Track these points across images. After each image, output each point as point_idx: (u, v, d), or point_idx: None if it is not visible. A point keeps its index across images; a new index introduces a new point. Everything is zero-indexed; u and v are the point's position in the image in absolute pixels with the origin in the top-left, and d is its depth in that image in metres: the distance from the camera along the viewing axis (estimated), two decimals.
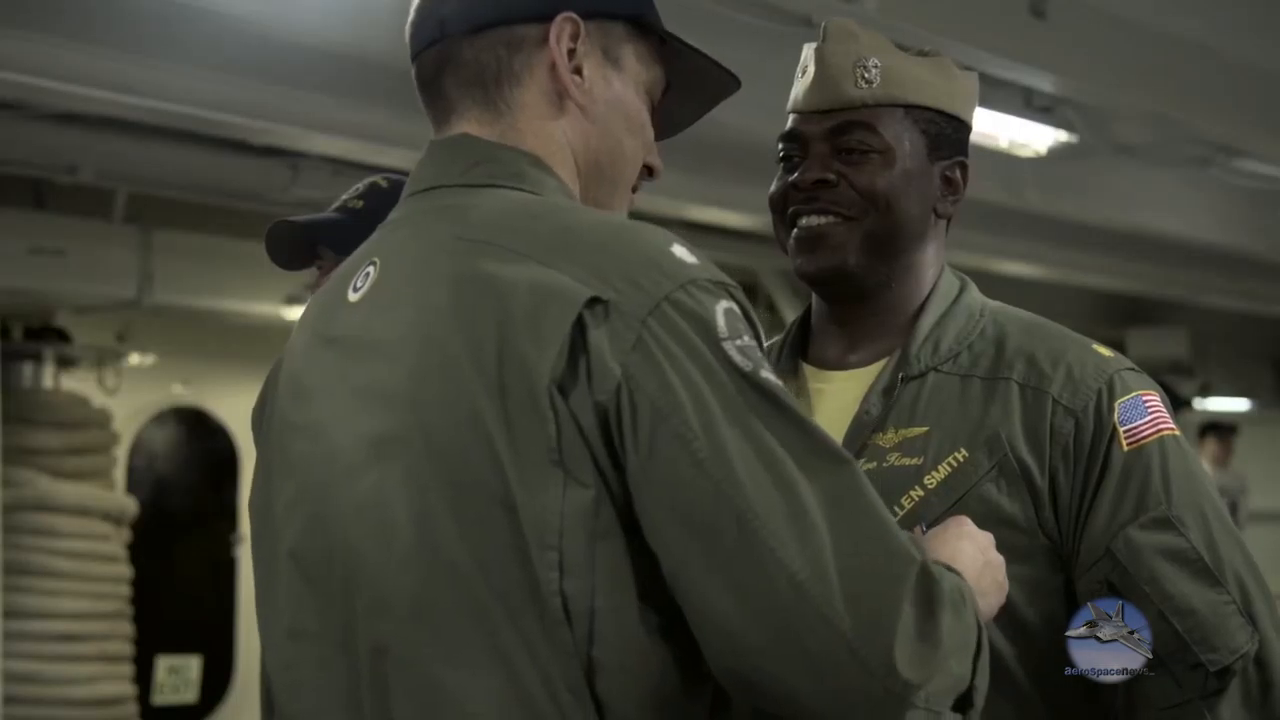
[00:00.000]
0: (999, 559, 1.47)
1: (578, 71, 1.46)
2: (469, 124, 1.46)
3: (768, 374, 1.31)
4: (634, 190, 1.55)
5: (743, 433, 1.27)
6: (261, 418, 1.54)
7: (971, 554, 1.44)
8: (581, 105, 1.46)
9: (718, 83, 1.58)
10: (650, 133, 1.53)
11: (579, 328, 1.29)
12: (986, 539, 1.48)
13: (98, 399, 6.67)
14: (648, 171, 1.55)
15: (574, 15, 1.45)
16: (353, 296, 1.45)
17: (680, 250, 1.36)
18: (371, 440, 1.37)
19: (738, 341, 1.31)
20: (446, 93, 1.47)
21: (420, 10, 1.50)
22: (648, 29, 1.51)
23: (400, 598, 1.34)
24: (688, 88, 1.57)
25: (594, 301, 1.29)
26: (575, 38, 1.45)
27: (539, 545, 1.28)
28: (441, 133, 1.49)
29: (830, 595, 1.24)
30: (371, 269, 1.44)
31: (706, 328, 1.30)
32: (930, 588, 1.27)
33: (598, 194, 1.50)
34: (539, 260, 1.32)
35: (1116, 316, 10.19)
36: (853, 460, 1.31)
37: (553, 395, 1.28)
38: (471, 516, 1.30)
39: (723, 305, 1.32)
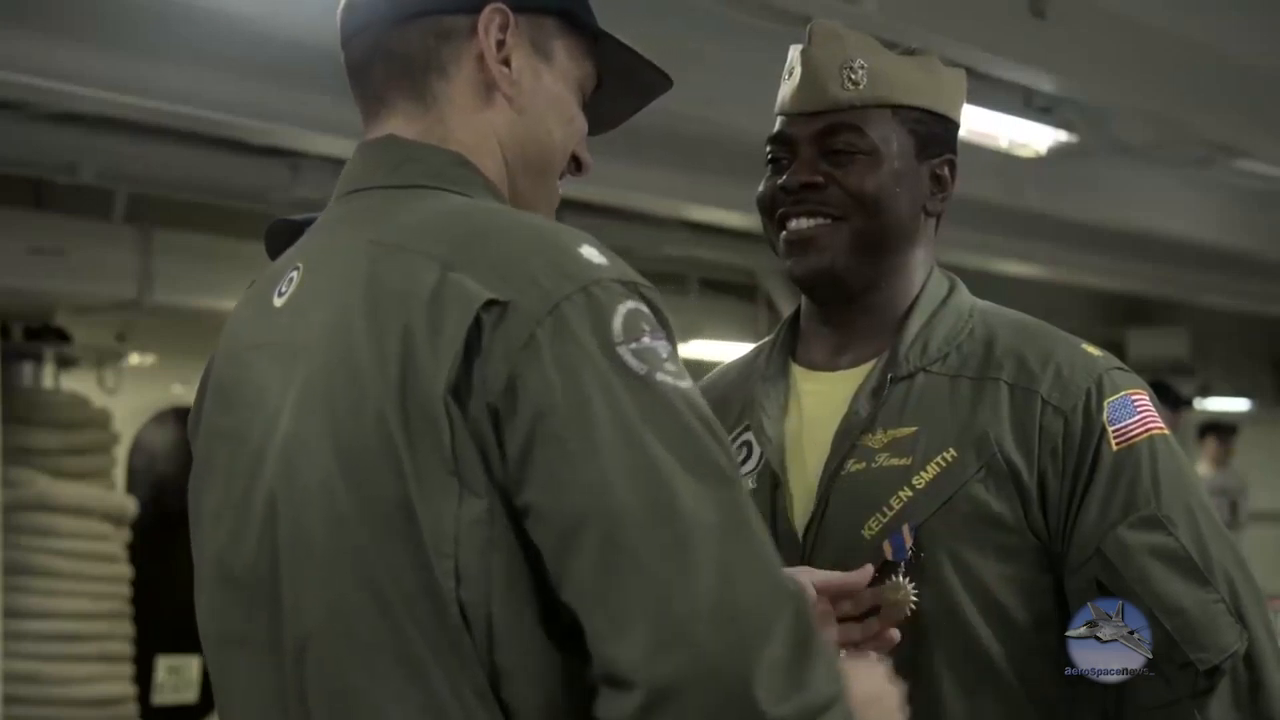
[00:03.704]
0: (895, 703, 1.43)
1: (506, 63, 1.46)
2: (397, 118, 1.47)
3: (667, 378, 1.29)
4: (560, 178, 1.54)
5: (623, 437, 1.25)
6: (194, 424, 1.55)
7: (868, 676, 1.42)
8: (509, 96, 1.46)
9: (650, 81, 1.59)
10: (579, 125, 1.53)
11: (475, 331, 1.28)
12: (890, 691, 1.43)
13: (98, 399, 6.67)
14: (575, 164, 1.53)
15: (503, 6, 1.46)
16: (277, 302, 1.45)
17: (589, 251, 1.33)
18: (287, 446, 1.37)
19: (633, 344, 1.29)
20: (376, 82, 1.48)
21: None
22: (580, 25, 1.51)
23: (316, 603, 1.34)
24: (621, 85, 1.57)
25: (492, 304, 1.29)
26: (504, 29, 1.46)
27: (437, 554, 1.28)
28: (371, 127, 1.49)
29: (694, 612, 1.21)
30: (295, 273, 1.45)
31: (601, 329, 1.28)
32: (804, 630, 1.24)
33: (524, 184, 1.50)
34: (447, 265, 1.32)
35: (1116, 316, 10.20)
36: (740, 481, 1.29)
37: (447, 403, 1.28)
38: (379, 524, 1.30)
39: (626, 306, 1.30)
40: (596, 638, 1.24)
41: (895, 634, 1.66)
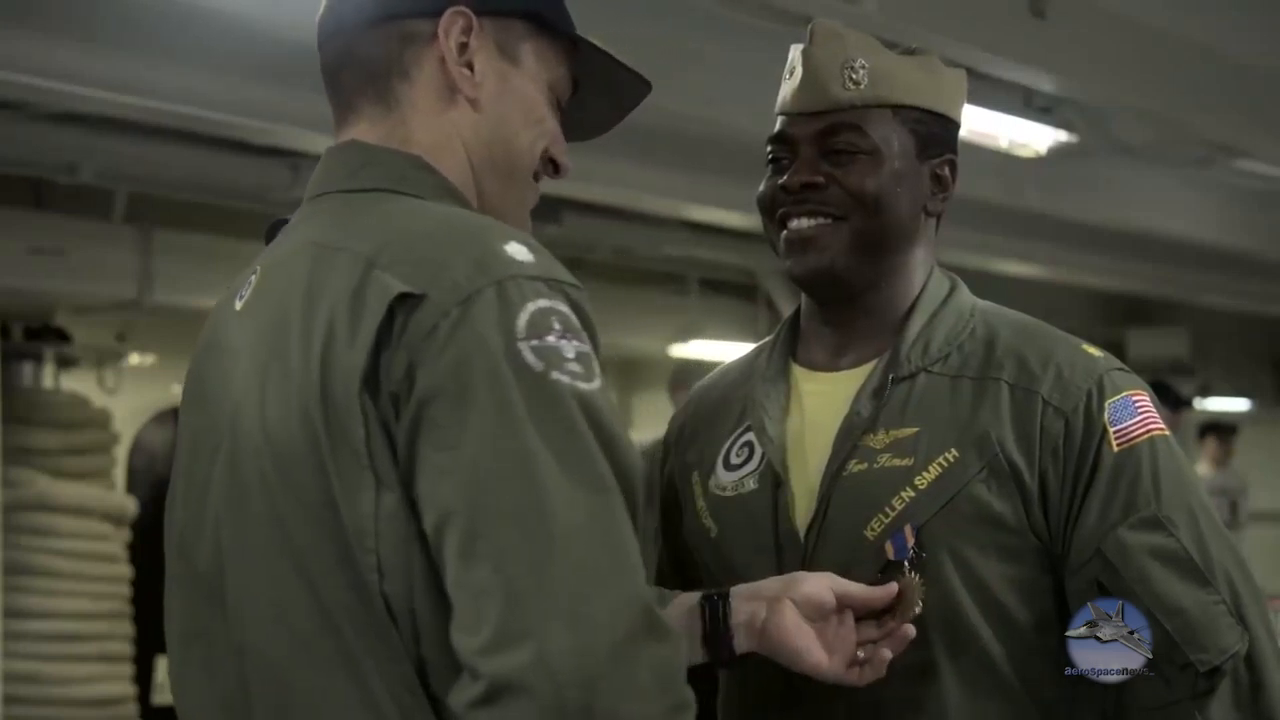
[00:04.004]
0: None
1: (469, 66, 1.47)
2: (363, 123, 1.49)
3: (564, 377, 1.29)
4: (535, 180, 1.55)
5: (502, 430, 1.26)
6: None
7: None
8: (471, 98, 1.47)
9: (629, 86, 1.59)
10: (550, 127, 1.53)
11: (388, 324, 1.30)
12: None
13: (98, 399, 6.67)
14: (553, 167, 1.54)
15: (465, 10, 1.47)
16: (237, 305, 1.48)
17: (515, 248, 1.34)
18: (232, 445, 1.40)
19: (535, 341, 1.29)
20: (345, 87, 1.50)
21: (327, 4, 1.53)
22: (552, 28, 1.53)
23: (257, 599, 1.37)
24: (600, 89, 1.58)
25: (405, 297, 1.30)
26: (467, 31, 1.47)
27: (360, 549, 1.30)
28: (340, 132, 1.51)
29: (544, 612, 1.23)
30: (253, 277, 1.48)
31: (505, 323, 1.29)
32: (654, 641, 1.25)
33: (492, 186, 1.51)
34: (371, 262, 1.34)
35: (1116, 316, 10.20)
36: (617, 491, 1.29)
37: (362, 398, 1.30)
38: (310, 520, 1.33)
39: (539, 304, 1.31)
40: (454, 627, 1.26)
41: (910, 630, 1.67)
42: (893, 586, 1.68)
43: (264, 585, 1.36)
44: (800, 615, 1.66)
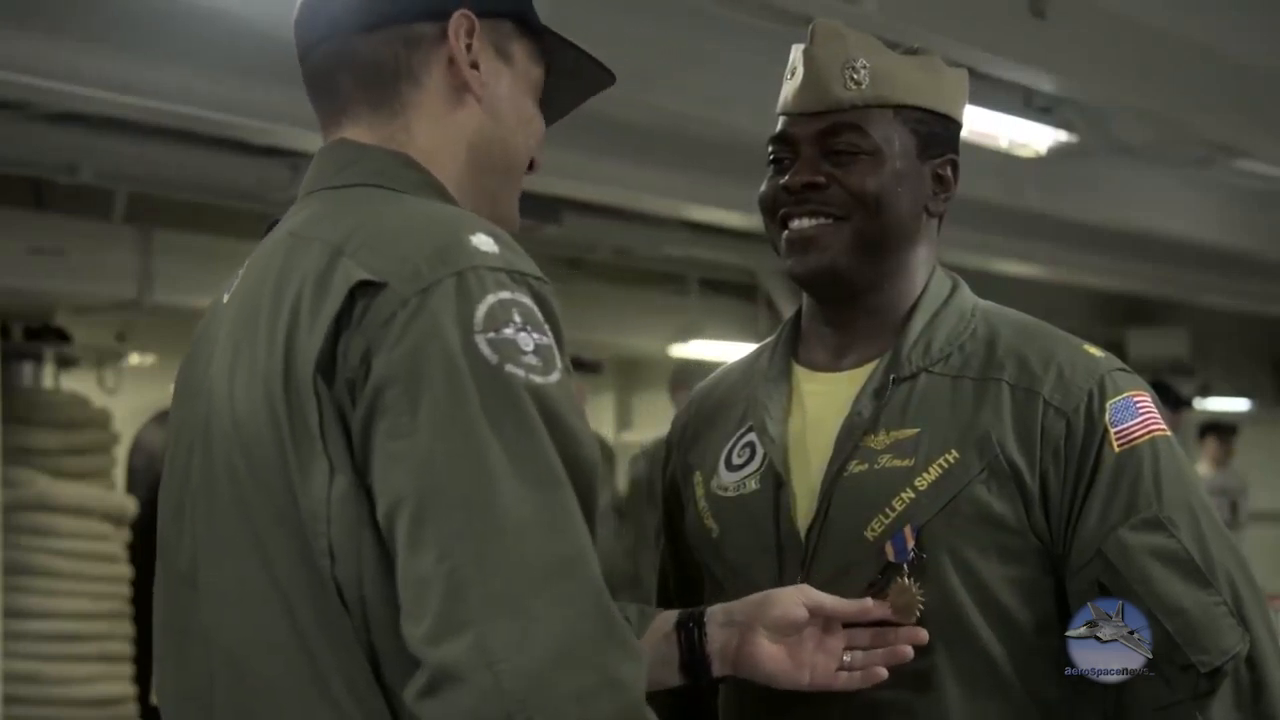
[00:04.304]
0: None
1: (475, 66, 1.49)
2: (359, 126, 1.49)
3: (519, 370, 1.30)
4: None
5: (453, 421, 1.27)
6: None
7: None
8: (480, 98, 1.49)
9: (594, 77, 1.62)
10: (539, 125, 1.56)
11: (348, 310, 1.31)
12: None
13: (98, 399, 6.67)
14: (529, 163, 1.56)
15: (469, 12, 1.48)
16: (225, 299, 1.50)
17: (481, 239, 1.35)
18: (205, 434, 1.42)
19: (491, 334, 1.30)
20: (341, 90, 1.49)
21: (307, 6, 1.52)
22: (532, 28, 1.54)
23: (224, 586, 1.38)
24: (565, 81, 1.60)
25: (366, 284, 1.31)
26: (471, 34, 1.48)
27: (314, 534, 1.31)
28: (330, 133, 1.52)
29: (485, 600, 1.23)
30: (242, 270, 1.50)
31: (464, 315, 1.30)
32: (604, 638, 1.25)
33: (491, 183, 1.52)
34: (338, 250, 1.36)
35: (1116, 316, 10.21)
36: (568, 486, 1.30)
37: (316, 382, 1.31)
38: (272, 506, 1.34)
39: (499, 296, 1.32)
40: (403, 616, 1.27)
41: (908, 651, 1.67)
42: (866, 602, 1.68)
43: (229, 572, 1.38)
44: (773, 638, 1.68)
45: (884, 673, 1.67)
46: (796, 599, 1.68)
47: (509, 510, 1.26)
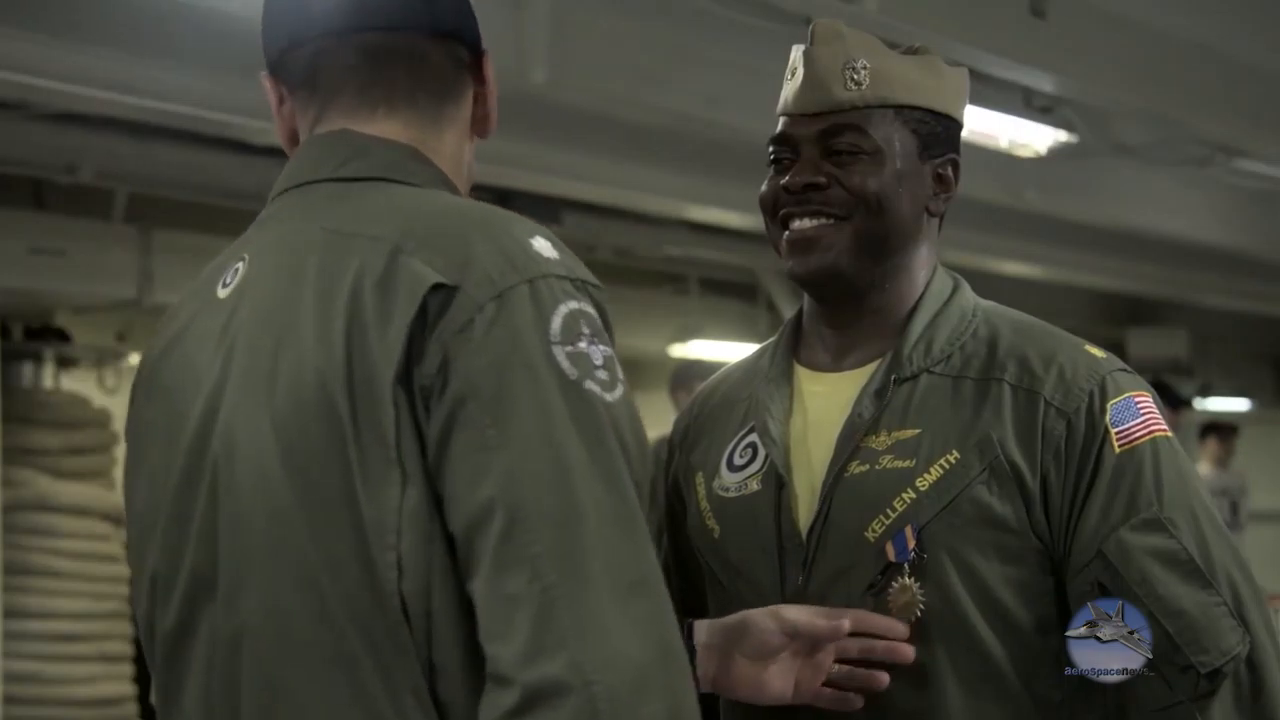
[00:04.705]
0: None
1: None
2: (392, 121, 1.46)
3: (595, 387, 1.30)
4: None
5: (543, 436, 1.26)
6: (128, 423, 1.55)
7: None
8: (483, 133, 1.52)
9: None
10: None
11: (421, 316, 1.29)
12: None
13: (98, 399, 6.67)
14: None
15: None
16: (221, 293, 1.45)
17: (541, 244, 1.35)
18: (227, 437, 1.37)
19: (569, 347, 1.30)
20: (389, 83, 1.46)
21: None
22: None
23: (253, 597, 1.34)
24: None
25: (439, 288, 1.29)
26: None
27: (379, 546, 1.28)
28: (332, 121, 1.48)
29: (578, 621, 1.23)
30: (241, 265, 1.45)
31: (540, 325, 1.30)
32: (672, 657, 1.26)
33: None
34: (397, 248, 1.33)
35: (1116, 316, 10.21)
36: (642, 517, 1.30)
37: (395, 390, 1.28)
38: (319, 516, 1.30)
39: (569, 306, 1.32)
40: (484, 633, 1.26)
41: (883, 678, 1.68)
42: (843, 624, 1.68)
43: (260, 583, 1.34)
44: (750, 662, 1.69)
45: (883, 679, 1.67)
46: (770, 625, 1.68)
47: (597, 530, 1.26)
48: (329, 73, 1.48)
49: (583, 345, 1.30)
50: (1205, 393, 10.42)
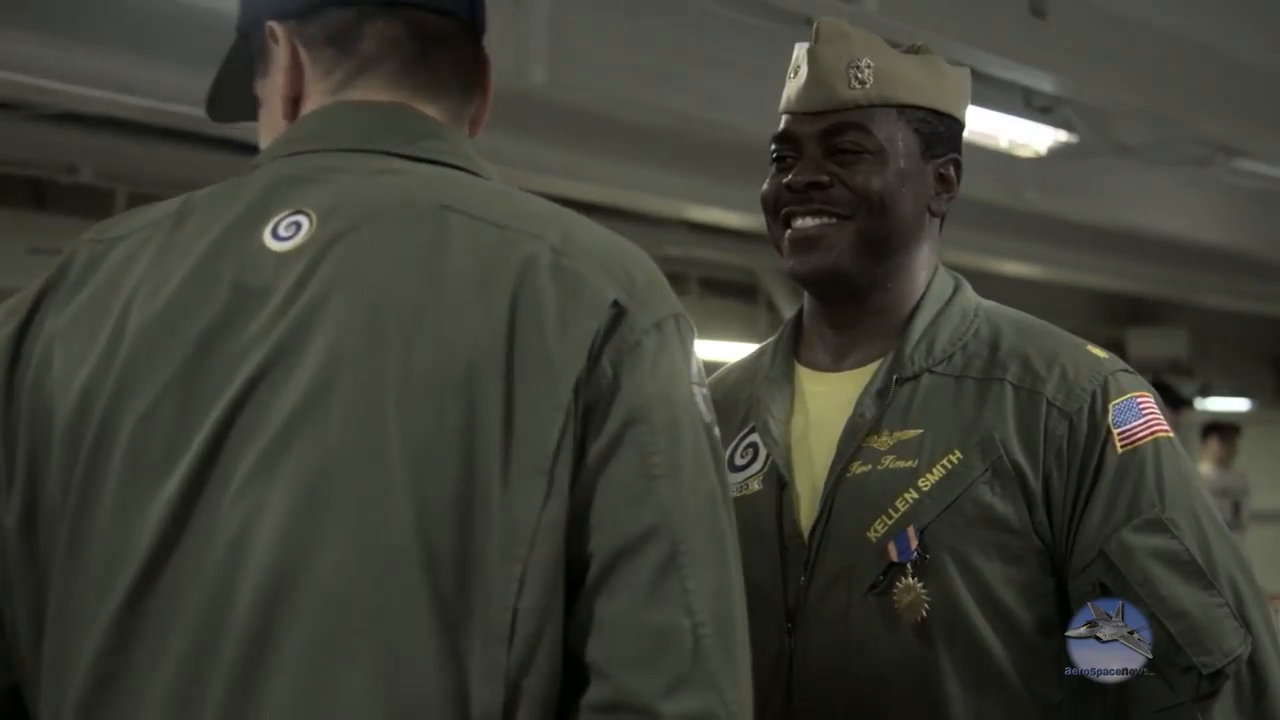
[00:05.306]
0: None
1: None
2: (438, 103, 1.39)
3: (717, 431, 1.30)
4: None
5: (698, 470, 1.24)
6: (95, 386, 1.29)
7: None
8: (475, 135, 1.46)
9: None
10: None
11: (601, 328, 1.25)
12: None
13: None
14: None
15: None
16: (277, 245, 1.30)
17: (658, 271, 1.34)
18: (310, 407, 1.23)
19: (704, 391, 1.30)
20: (434, 64, 1.39)
21: None
22: None
23: (314, 585, 1.20)
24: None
25: (615, 304, 1.26)
26: None
27: (505, 557, 1.20)
28: (385, 90, 1.38)
29: (724, 656, 1.22)
30: (303, 220, 1.30)
31: (689, 361, 1.29)
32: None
33: None
34: (561, 252, 1.27)
35: (1116, 316, 10.21)
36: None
37: (574, 397, 1.22)
38: (432, 515, 1.20)
39: (695, 345, 1.31)
40: (615, 661, 1.20)
41: None
42: None
43: (328, 573, 1.20)
44: None
45: None
46: None
47: (736, 573, 1.25)
48: (372, 40, 1.38)
49: (706, 391, 1.31)
50: (1205, 393, 10.43)
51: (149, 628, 1.23)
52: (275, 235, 1.30)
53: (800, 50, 1.83)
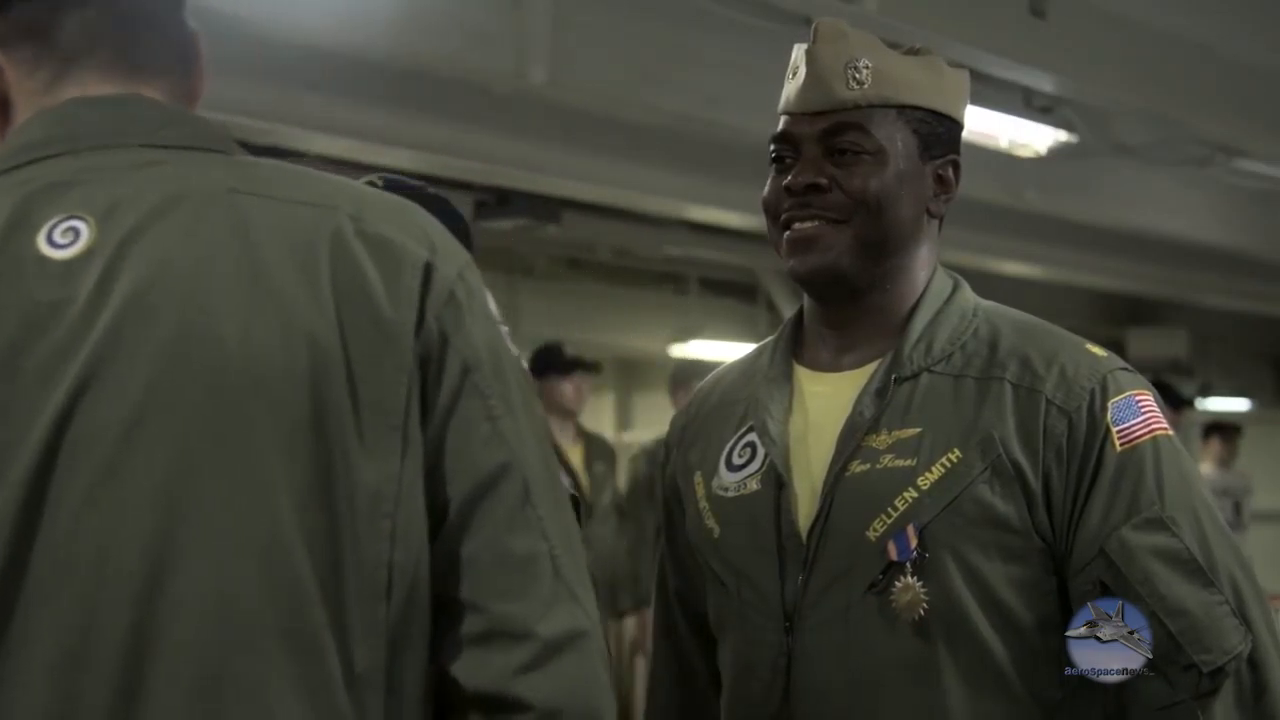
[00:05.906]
0: None
1: None
2: (158, 83, 1.39)
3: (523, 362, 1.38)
4: None
5: (524, 405, 1.33)
6: None
7: None
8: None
9: None
10: None
11: (421, 287, 1.30)
12: None
13: None
14: None
15: None
16: (58, 254, 1.25)
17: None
18: (149, 414, 1.21)
19: (505, 327, 1.37)
20: (140, 44, 1.39)
21: None
22: None
23: (187, 575, 1.20)
24: None
25: (425, 263, 1.31)
26: None
27: (374, 515, 1.24)
28: (104, 81, 1.35)
29: (576, 572, 1.31)
30: (79, 224, 1.26)
31: (490, 304, 1.36)
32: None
33: None
34: (360, 218, 1.30)
35: (1116, 316, 10.21)
36: None
37: (412, 356, 1.28)
38: (299, 495, 1.22)
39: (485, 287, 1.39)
40: (484, 592, 1.28)
41: None
42: None
43: (205, 559, 1.20)
44: None
45: None
46: None
47: (563, 493, 1.34)
48: (72, 32, 1.35)
49: (505, 327, 1.38)
50: (1205, 393, 10.43)
51: (8, 648, 1.20)
52: (51, 243, 1.26)
53: (799, 51, 1.83)
